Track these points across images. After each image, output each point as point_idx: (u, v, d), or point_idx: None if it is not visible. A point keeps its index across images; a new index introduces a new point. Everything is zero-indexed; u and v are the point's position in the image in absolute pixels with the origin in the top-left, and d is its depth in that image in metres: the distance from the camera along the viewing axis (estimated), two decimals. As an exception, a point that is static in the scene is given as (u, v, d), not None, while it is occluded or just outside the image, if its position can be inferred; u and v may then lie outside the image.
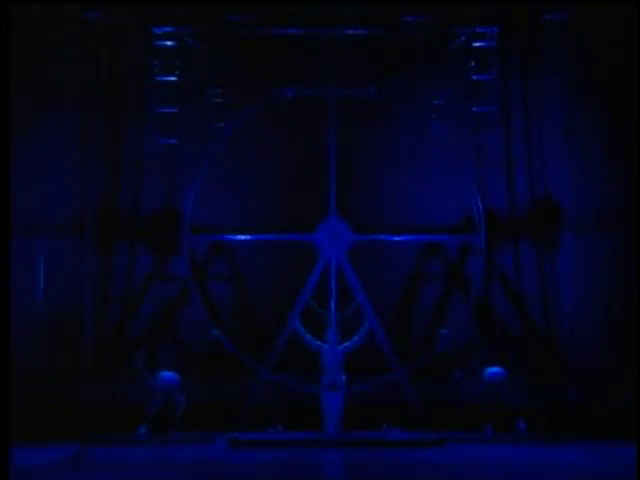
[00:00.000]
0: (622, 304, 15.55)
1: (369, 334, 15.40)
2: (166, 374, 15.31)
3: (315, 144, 15.72)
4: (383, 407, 15.48)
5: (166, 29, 15.75)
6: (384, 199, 16.12)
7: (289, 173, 16.00)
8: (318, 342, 15.34)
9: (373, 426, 15.32)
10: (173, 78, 15.79)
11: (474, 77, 15.83)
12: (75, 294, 15.50)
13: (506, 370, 15.34)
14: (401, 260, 16.14)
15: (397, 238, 15.83)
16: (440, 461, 13.42)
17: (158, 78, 15.78)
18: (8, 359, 12.94)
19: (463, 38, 15.84)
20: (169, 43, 15.79)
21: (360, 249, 15.69)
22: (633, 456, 12.88)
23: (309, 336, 15.36)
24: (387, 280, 16.07)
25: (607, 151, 15.78)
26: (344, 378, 15.14)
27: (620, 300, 15.59)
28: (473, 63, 15.84)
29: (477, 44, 15.81)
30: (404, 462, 13.36)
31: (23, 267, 15.22)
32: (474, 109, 15.82)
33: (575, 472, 12.60)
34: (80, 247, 15.57)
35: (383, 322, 15.56)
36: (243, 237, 15.79)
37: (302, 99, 15.70)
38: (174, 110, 15.73)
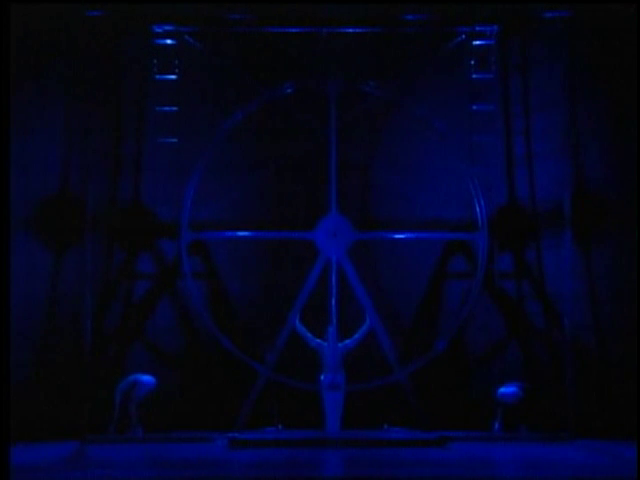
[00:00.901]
0: (623, 302, 15.56)
1: (370, 332, 15.35)
2: (145, 377, 15.35)
3: (315, 140, 15.77)
4: (384, 406, 15.49)
5: (166, 27, 15.74)
6: (384, 196, 16.17)
7: (289, 169, 16.03)
8: (318, 340, 15.33)
9: (374, 425, 15.32)
10: (173, 77, 15.80)
11: (474, 76, 15.80)
12: (74, 292, 15.53)
13: (520, 388, 15.39)
14: (405, 257, 16.21)
15: (398, 235, 15.85)
16: (441, 459, 13.41)
17: (158, 77, 15.77)
18: (8, 357, 12.96)
19: (463, 36, 15.81)
20: (169, 41, 15.81)
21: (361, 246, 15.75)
22: (633, 454, 12.90)
23: (309, 334, 15.36)
24: (388, 277, 16.14)
25: (607, 149, 15.79)
26: (344, 376, 15.12)
27: (621, 298, 15.60)
28: (473, 62, 15.82)
29: (477, 42, 15.80)
30: (404, 460, 13.33)
31: (21, 263, 15.26)
32: (474, 107, 15.79)
33: (576, 470, 12.59)
34: (79, 244, 15.56)
35: (385, 320, 15.53)
36: (241, 234, 15.77)
37: (302, 95, 15.70)
38: (174, 109, 15.73)
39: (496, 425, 15.27)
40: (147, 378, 15.29)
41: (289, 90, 15.64)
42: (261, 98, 15.63)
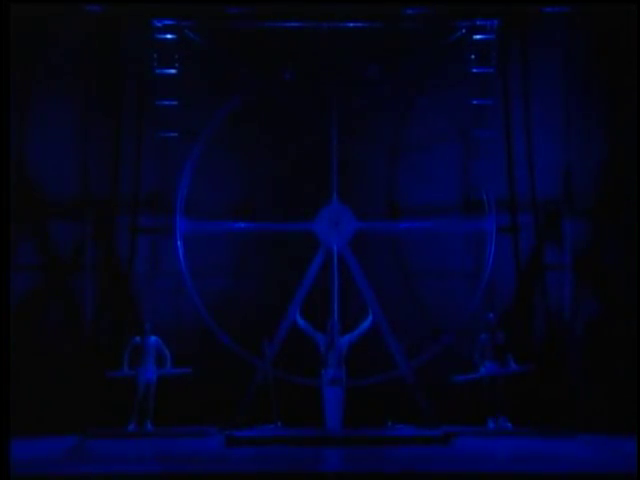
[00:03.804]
0: (625, 297, 15.56)
1: (373, 327, 15.28)
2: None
3: (316, 131, 15.76)
4: (387, 402, 15.40)
5: (166, 22, 15.77)
6: (386, 187, 16.20)
7: (289, 160, 16.03)
8: (319, 334, 15.17)
9: (377, 422, 15.20)
10: (173, 71, 15.80)
11: (474, 70, 15.82)
12: (76, 284, 15.54)
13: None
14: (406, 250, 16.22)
15: (402, 225, 15.82)
16: (445, 455, 13.34)
17: (158, 71, 15.79)
18: (8, 352, 12.94)
19: (463, 31, 15.85)
20: (169, 36, 15.81)
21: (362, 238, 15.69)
22: (633, 448, 12.89)
23: (310, 328, 15.24)
24: (391, 271, 16.12)
25: (607, 142, 15.83)
26: (345, 372, 14.97)
27: (623, 293, 15.60)
28: (473, 56, 15.82)
29: (477, 37, 15.81)
30: (407, 457, 13.22)
31: (21, 254, 15.28)
32: (474, 102, 15.79)
33: (576, 464, 12.56)
34: (79, 237, 15.61)
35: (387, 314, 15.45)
36: (240, 225, 15.74)
37: (303, 87, 15.71)
38: (174, 103, 15.72)
39: (490, 424, 15.30)
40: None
41: (288, 77, 15.63)
42: (260, 85, 15.66)
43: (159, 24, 15.76)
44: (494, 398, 15.26)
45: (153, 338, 15.39)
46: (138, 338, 15.33)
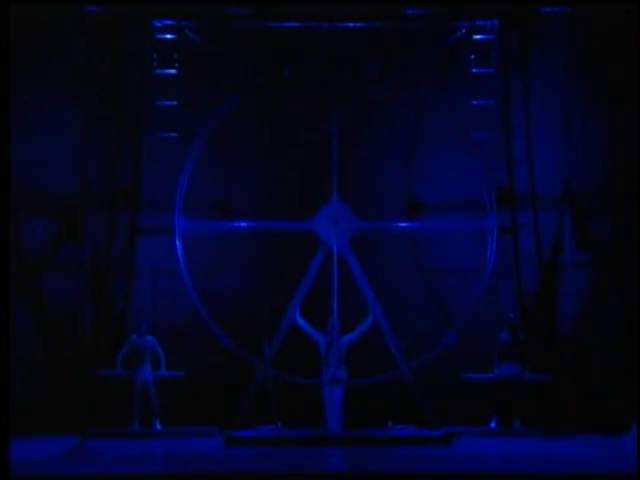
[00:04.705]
0: (626, 298, 15.56)
1: (373, 326, 15.22)
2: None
3: (316, 130, 15.74)
4: (387, 402, 15.36)
5: (166, 22, 15.79)
6: (387, 186, 16.20)
7: (289, 159, 16.01)
8: (319, 333, 15.12)
9: (377, 422, 15.18)
10: (173, 71, 15.82)
11: (474, 70, 15.86)
12: (75, 284, 15.55)
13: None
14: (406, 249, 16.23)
15: (402, 224, 15.82)
16: (446, 455, 13.31)
17: (158, 71, 15.82)
18: (8, 352, 12.93)
19: (463, 31, 15.89)
20: (169, 36, 15.82)
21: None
22: (633, 448, 12.91)
23: (310, 327, 15.19)
24: (392, 270, 16.11)
25: (607, 141, 15.88)
26: (346, 371, 14.94)
27: (624, 294, 15.60)
28: (473, 56, 15.85)
29: (477, 37, 15.85)
30: (409, 457, 13.19)
31: (20, 254, 15.31)
32: (474, 102, 15.82)
33: (576, 464, 12.53)
34: (78, 236, 15.63)
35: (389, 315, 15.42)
36: (239, 224, 15.73)
37: (303, 86, 15.72)
38: (174, 103, 15.73)
39: (492, 423, 15.28)
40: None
41: (287, 74, 15.64)
42: (260, 85, 15.69)
43: (159, 24, 15.80)
44: (506, 399, 15.26)
45: (149, 338, 15.41)
46: (134, 337, 15.37)
